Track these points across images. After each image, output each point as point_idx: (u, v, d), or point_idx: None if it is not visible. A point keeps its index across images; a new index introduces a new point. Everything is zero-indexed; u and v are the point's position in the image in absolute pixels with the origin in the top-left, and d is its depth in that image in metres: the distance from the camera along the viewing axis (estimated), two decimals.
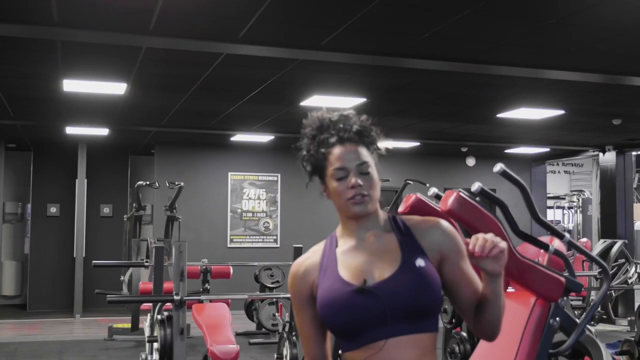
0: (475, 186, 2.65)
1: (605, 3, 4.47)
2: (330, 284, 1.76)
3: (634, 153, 12.17)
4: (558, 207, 16.39)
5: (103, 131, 10.31)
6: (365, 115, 1.87)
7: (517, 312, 2.78)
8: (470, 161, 12.91)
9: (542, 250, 2.87)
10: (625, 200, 11.72)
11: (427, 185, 9.87)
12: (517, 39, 5.36)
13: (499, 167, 2.66)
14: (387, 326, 1.69)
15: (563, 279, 2.70)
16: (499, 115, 8.68)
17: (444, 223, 1.83)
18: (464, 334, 6.32)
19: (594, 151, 12.03)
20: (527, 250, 2.80)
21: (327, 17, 4.91)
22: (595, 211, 13.09)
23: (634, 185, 14.31)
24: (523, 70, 6.23)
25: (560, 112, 8.38)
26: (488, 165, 12.27)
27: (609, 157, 11.77)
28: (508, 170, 2.65)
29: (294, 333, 5.92)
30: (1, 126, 10.01)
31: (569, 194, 15.01)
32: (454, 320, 6.42)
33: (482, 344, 2.83)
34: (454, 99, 7.86)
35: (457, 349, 6.30)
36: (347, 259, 1.79)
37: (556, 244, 2.82)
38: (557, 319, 2.73)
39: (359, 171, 1.78)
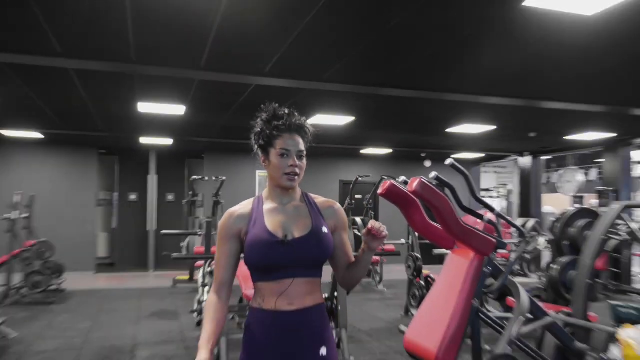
0: (433, 174, 2.66)
1: (517, 54, 4.50)
2: (259, 233, 1.83)
3: (543, 157, 12.17)
4: (489, 197, 16.47)
5: (168, 141, 10.32)
6: (305, 117, 1.97)
7: (460, 263, 2.79)
8: (427, 163, 12.92)
9: (478, 220, 2.88)
10: (537, 191, 11.73)
11: (398, 179, 9.96)
12: (461, 74, 5.38)
13: (449, 160, 2.67)
14: (295, 269, 1.81)
15: (494, 240, 2.71)
16: (447, 130, 8.67)
17: (338, 205, 2.00)
18: (422, 282, 6.35)
19: (515, 156, 12.03)
20: (468, 220, 2.81)
21: (326, 59, 4.93)
22: (515, 199, 13.07)
23: (544, 181, 14.34)
24: (466, 97, 6.24)
25: (493, 127, 8.38)
26: (440, 165, 12.32)
27: (526, 160, 11.78)
28: (456, 163, 2.66)
29: None
30: (96, 137, 10.02)
31: (497, 187, 15.01)
32: (415, 273, 6.45)
33: (436, 285, 2.85)
34: (416, 117, 7.85)
35: (417, 293, 6.32)
36: (271, 216, 1.86)
37: (489, 215, 2.84)
38: (489, 267, 2.74)
39: (297, 155, 1.87)
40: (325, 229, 1.88)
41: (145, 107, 7.05)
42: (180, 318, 6.69)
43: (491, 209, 2.79)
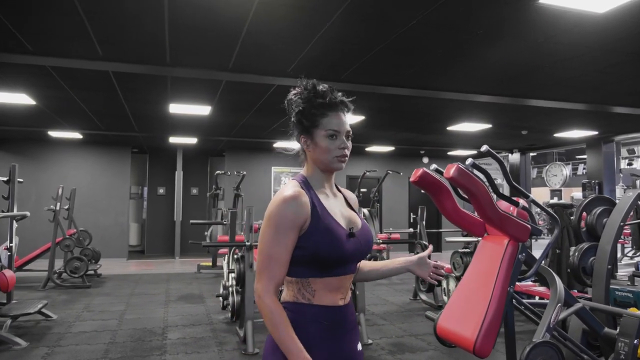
0: (469, 161, 2.31)
1: (511, 53, 4.14)
2: (331, 223, 1.40)
3: (531, 154, 11.77)
4: None
5: (193, 140, 9.99)
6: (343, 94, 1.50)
7: (494, 250, 2.44)
8: (425, 159, 12.55)
9: (512, 207, 2.53)
10: (526, 186, 11.33)
11: (401, 174, 9.61)
12: (461, 74, 5.02)
13: (484, 147, 2.32)
14: (354, 264, 1.47)
15: (529, 226, 2.36)
16: (448, 128, 8.32)
17: (356, 197, 1.65)
18: None
19: (505, 153, 11.64)
20: (501, 206, 2.46)
21: (346, 59, 4.59)
22: (506, 192, 12.70)
23: (533, 176, 13.93)
24: (465, 95, 5.90)
25: (489, 125, 8.02)
26: (436, 161, 11.96)
27: (515, 157, 11.38)
28: (491, 150, 2.31)
29: None
30: (129, 137, 9.73)
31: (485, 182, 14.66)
32: None
33: (469, 273, 2.50)
34: (418, 116, 7.49)
35: None
36: (329, 206, 1.44)
37: (521, 202, 2.49)
38: (523, 254, 2.39)
39: (347, 136, 1.44)
40: (364, 219, 1.58)
41: (175, 108, 6.73)
42: (206, 301, 6.35)
43: (525, 195, 2.43)
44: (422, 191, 2.50)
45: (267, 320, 1.31)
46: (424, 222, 6.63)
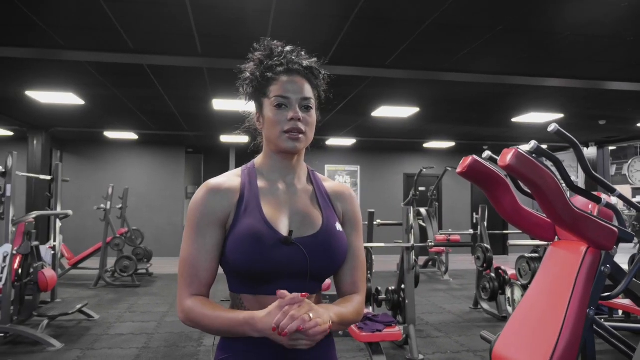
0: (532, 144, 1.79)
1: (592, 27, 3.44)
2: (251, 223, 0.99)
3: (610, 147, 10.61)
4: None
5: (244, 139, 9.77)
6: (316, 58, 1.19)
7: (567, 260, 1.89)
8: (486, 154, 11.66)
9: (591, 204, 1.96)
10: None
11: None
12: (527, 53, 4.36)
13: (553, 126, 1.79)
14: (304, 282, 1.03)
15: (616, 229, 1.79)
16: (513, 120, 7.55)
17: (352, 192, 1.22)
18: (493, 274, 5.36)
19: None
20: (576, 203, 1.90)
21: (388, 42, 4.10)
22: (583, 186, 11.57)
23: (612, 173, 12.64)
24: (532, 80, 5.19)
25: (560, 115, 7.17)
26: None
27: (591, 151, 10.27)
28: (562, 130, 1.77)
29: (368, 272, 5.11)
30: (182, 137, 9.73)
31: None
32: (485, 264, 5.46)
33: (534, 288, 1.96)
34: (480, 107, 6.81)
35: (487, 286, 5.32)
36: (269, 199, 1.09)
37: (604, 197, 1.91)
38: (608, 266, 1.83)
39: (301, 105, 1.11)
40: (339, 226, 1.12)
41: (219, 104, 6.50)
42: None
43: (611, 190, 1.86)
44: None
45: (203, 326, 1.01)
46: (485, 223, 5.97)
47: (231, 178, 1.12)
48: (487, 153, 2.04)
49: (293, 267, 1.01)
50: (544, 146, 1.77)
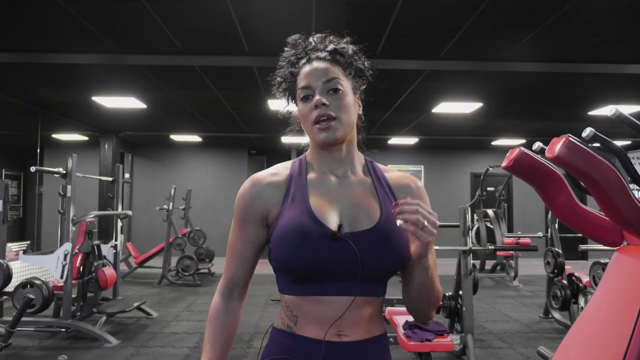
0: (587, 131, 1.52)
1: None
2: (296, 216, 0.94)
3: None
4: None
5: (304, 139, 9.74)
6: (349, 38, 1.08)
7: (635, 268, 1.60)
8: None
9: None
10: None
11: None
12: (603, 36, 3.90)
13: (614, 110, 1.51)
14: (356, 283, 0.91)
15: None
16: (589, 113, 6.91)
17: (420, 184, 1.08)
18: (565, 281, 4.90)
19: None
20: None
21: (442, 30, 3.84)
22: None
23: None
24: (611, 67, 4.67)
25: None
26: None
27: None
28: (624, 113, 1.49)
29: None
30: (245, 138, 9.88)
31: None
32: (556, 270, 5.01)
33: (597, 299, 1.68)
34: (549, 100, 6.29)
35: (559, 293, 4.87)
36: (319, 191, 1.00)
37: None
38: None
39: (325, 89, 0.99)
40: (399, 221, 0.94)
41: (276, 105, 6.49)
42: None
43: None
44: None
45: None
46: (556, 225, 5.48)
47: (280, 170, 1.07)
48: (537, 144, 1.78)
49: (342, 265, 0.91)
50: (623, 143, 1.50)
